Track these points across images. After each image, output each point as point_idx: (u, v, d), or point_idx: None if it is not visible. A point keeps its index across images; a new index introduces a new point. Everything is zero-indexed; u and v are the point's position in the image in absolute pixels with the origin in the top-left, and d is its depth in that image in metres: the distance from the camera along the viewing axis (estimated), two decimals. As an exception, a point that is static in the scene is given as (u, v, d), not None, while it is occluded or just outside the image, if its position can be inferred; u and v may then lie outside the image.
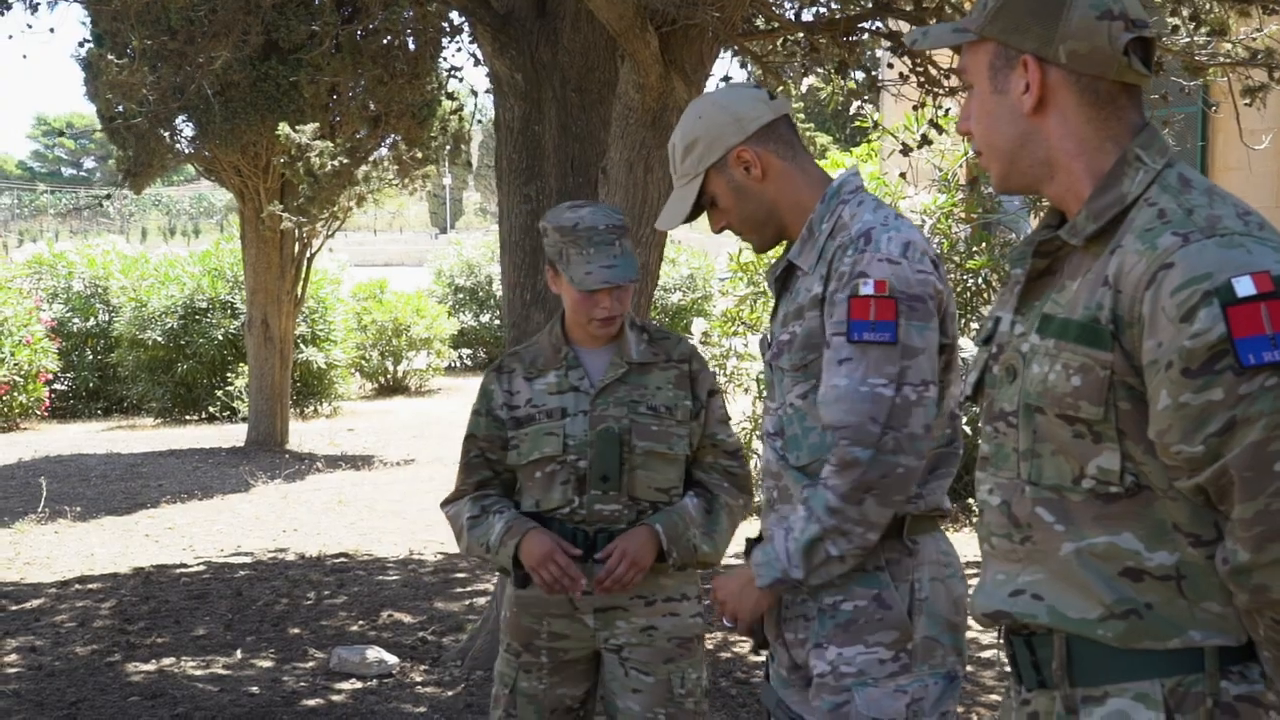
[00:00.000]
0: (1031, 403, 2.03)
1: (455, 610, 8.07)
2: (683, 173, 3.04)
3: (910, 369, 2.74)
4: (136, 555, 9.85)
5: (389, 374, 23.42)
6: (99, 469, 14.16)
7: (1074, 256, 2.06)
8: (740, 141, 2.99)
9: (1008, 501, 2.09)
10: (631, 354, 3.64)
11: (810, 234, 2.94)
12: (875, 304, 2.74)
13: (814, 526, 2.76)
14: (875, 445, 2.71)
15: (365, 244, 56.06)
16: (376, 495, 12.55)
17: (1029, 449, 2.05)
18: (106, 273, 21.38)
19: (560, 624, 3.66)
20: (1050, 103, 2.06)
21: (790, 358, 2.90)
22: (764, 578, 2.85)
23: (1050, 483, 2.03)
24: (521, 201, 6.79)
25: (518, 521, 3.59)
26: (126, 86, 9.64)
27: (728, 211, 3.03)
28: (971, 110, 2.16)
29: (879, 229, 2.83)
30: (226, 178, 15.36)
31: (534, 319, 6.74)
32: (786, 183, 3.00)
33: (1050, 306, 2.04)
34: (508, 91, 6.82)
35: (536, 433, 3.63)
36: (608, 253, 3.51)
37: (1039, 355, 2.02)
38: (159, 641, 7.41)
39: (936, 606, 2.87)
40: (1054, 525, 2.03)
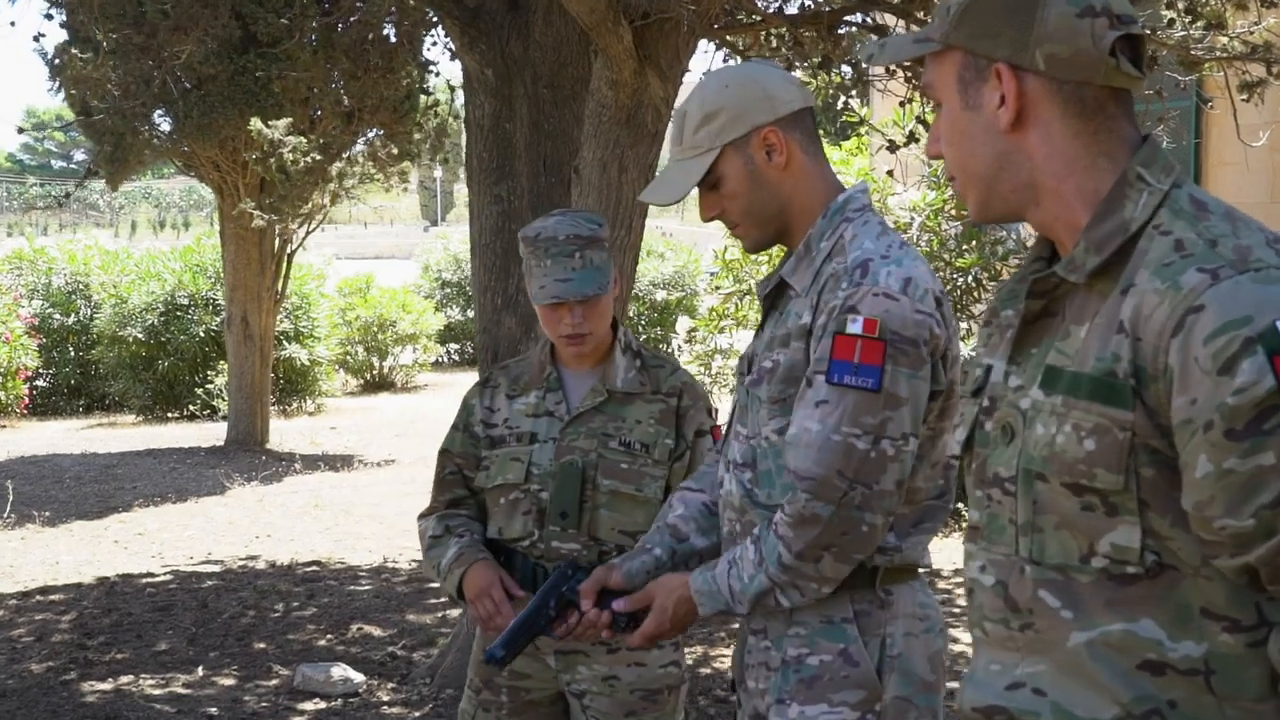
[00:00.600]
0: (1033, 468, 1.74)
1: (427, 623, 7.81)
2: (692, 144, 2.69)
3: (891, 421, 2.47)
4: (103, 563, 9.58)
5: (374, 370, 23.16)
6: (73, 470, 13.89)
7: (1076, 296, 1.77)
8: (770, 121, 2.65)
9: (1004, 582, 1.80)
10: (615, 381, 3.36)
11: (807, 251, 2.64)
12: (862, 345, 2.46)
13: (763, 578, 2.53)
14: (838, 502, 2.46)
15: (355, 237, 55.72)
16: (355, 498, 12.29)
17: (1028, 521, 1.76)
18: (87, 268, 21.09)
19: (521, 663, 3.39)
20: (1030, 116, 1.78)
21: (769, 389, 2.62)
22: (706, 608, 2.64)
23: (1054, 561, 1.74)
24: (492, 202, 6.54)
25: (469, 550, 3.33)
26: (92, 81, 9.38)
27: (734, 198, 2.68)
28: (941, 131, 1.87)
29: (878, 261, 2.53)
30: (205, 173, 15.08)
31: (505, 324, 6.49)
32: (804, 180, 2.68)
33: (1054, 357, 1.75)
34: (478, 88, 6.57)
35: (504, 457, 3.38)
36: (565, 265, 3.23)
37: (1043, 414, 1.74)
38: (118, 658, 7.15)
39: (911, 664, 2.61)
40: (1060, 611, 1.74)
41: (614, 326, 3.41)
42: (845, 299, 2.49)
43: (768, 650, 2.66)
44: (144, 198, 71.87)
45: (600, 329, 3.32)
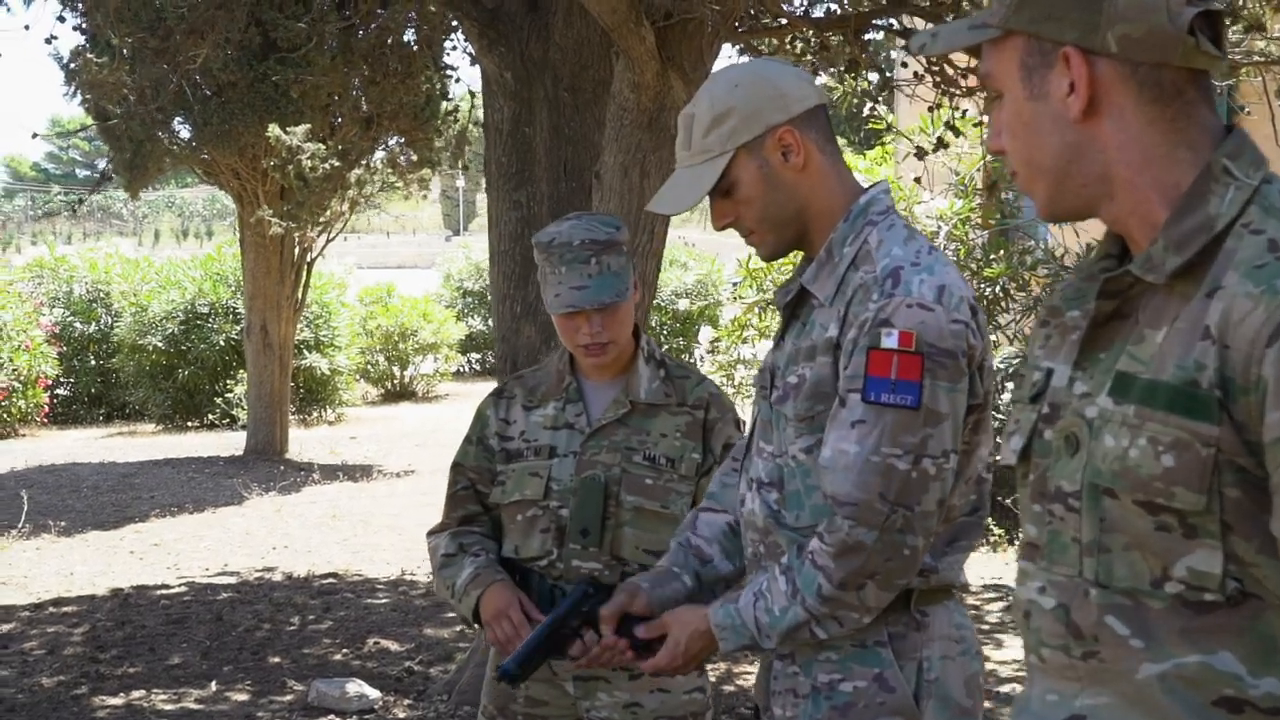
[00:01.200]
0: (1101, 483, 1.58)
1: (445, 638, 7.68)
2: (702, 149, 2.53)
3: (932, 438, 2.32)
4: (118, 574, 9.47)
5: (395, 379, 23.04)
6: (91, 479, 13.79)
7: (1152, 297, 1.61)
8: (785, 121, 2.50)
9: (1065, 605, 1.63)
10: (639, 392, 3.19)
11: (829, 257, 2.48)
12: (898, 360, 2.31)
13: (799, 610, 2.37)
14: (881, 526, 2.31)
15: (378, 246, 55.69)
16: (373, 509, 12.16)
17: (1094, 540, 1.60)
18: (108, 277, 21.04)
19: (539, 689, 3.23)
20: (1103, 104, 1.62)
21: (795, 406, 2.46)
22: (729, 643, 2.47)
23: (1123, 585, 1.58)
24: (511, 208, 6.41)
25: (486, 570, 3.16)
26: (107, 86, 9.28)
27: (748, 203, 2.52)
28: (1003, 123, 1.71)
29: (909, 269, 2.38)
30: (225, 180, 14.98)
31: (524, 333, 6.36)
32: (822, 182, 2.52)
33: (1127, 362, 1.59)
34: (497, 91, 6.44)
35: (522, 471, 3.22)
36: (580, 272, 3.07)
37: (1113, 425, 1.57)
38: (130, 672, 7.02)
39: (948, 689, 2.45)
40: (1129, 640, 1.57)
41: (636, 335, 3.25)
42: (877, 311, 2.35)
43: (796, 676, 2.51)
44: (167, 207, 72.06)
45: (621, 337, 3.15)
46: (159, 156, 13.99)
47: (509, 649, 3.04)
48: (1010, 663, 7.06)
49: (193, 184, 64.58)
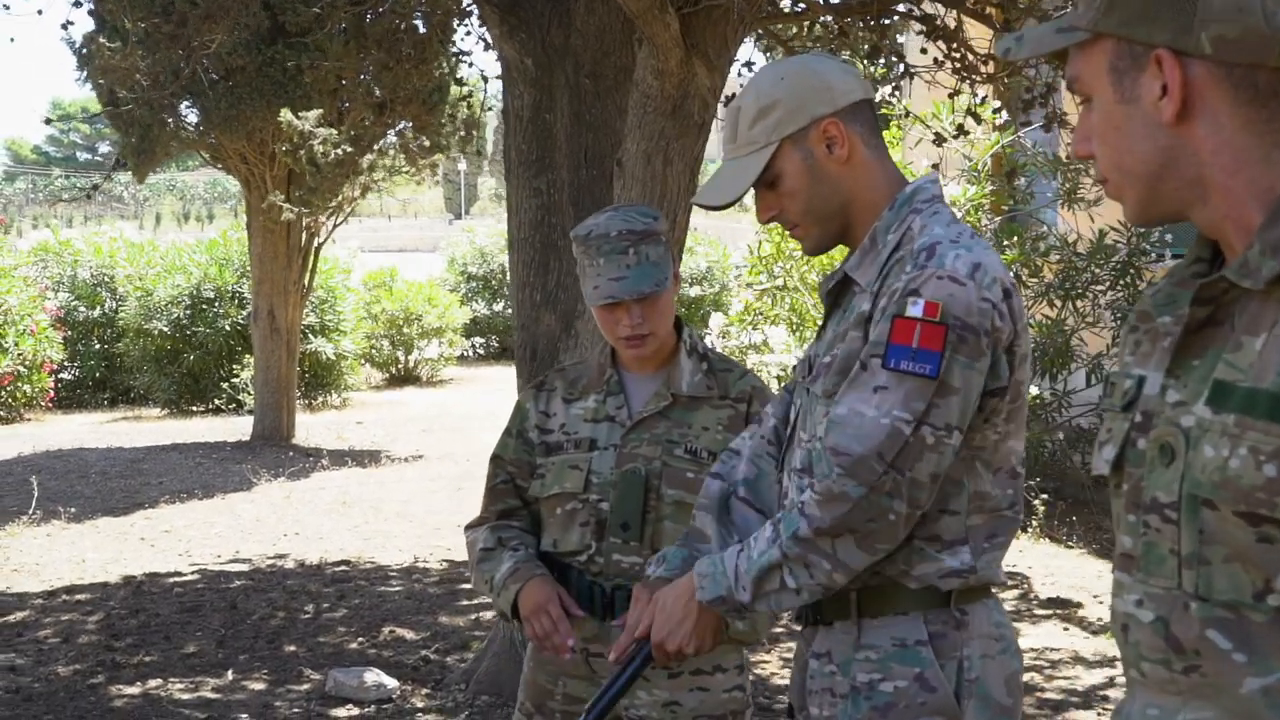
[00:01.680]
0: (1200, 494, 1.54)
1: (461, 625, 7.65)
2: (747, 140, 2.52)
3: (937, 409, 2.31)
4: (130, 562, 9.43)
5: (400, 364, 23.01)
6: (99, 465, 13.76)
7: (1249, 303, 1.56)
8: (830, 113, 2.49)
9: (1165, 619, 1.60)
10: (681, 385, 3.15)
11: (873, 245, 2.47)
12: (921, 328, 2.30)
13: (774, 552, 2.36)
14: (871, 485, 2.30)
15: (379, 230, 55.58)
16: (383, 495, 12.13)
17: (1193, 553, 1.56)
18: (112, 261, 20.99)
19: (577, 686, 3.19)
20: (1196, 107, 1.57)
21: (825, 382, 2.44)
22: (706, 591, 2.46)
23: (1224, 598, 1.54)
24: (531, 195, 6.35)
25: (525, 564, 3.13)
26: (120, 71, 9.21)
27: (793, 196, 2.51)
28: (1092, 127, 1.67)
29: (946, 244, 2.37)
30: (233, 165, 14.93)
31: (544, 321, 6.31)
32: (867, 175, 2.52)
33: (1225, 370, 1.54)
34: (517, 77, 6.38)
35: (561, 464, 3.18)
36: (618, 263, 3.03)
37: (1212, 434, 1.53)
38: (146, 660, 6.99)
39: (988, 688, 2.43)
40: (1232, 654, 1.53)
41: (679, 327, 3.22)
42: (908, 282, 2.34)
43: (833, 675, 2.48)
44: (168, 190, 71.95)
45: (662, 328, 3.11)
46: (166, 141, 13.95)
47: (546, 644, 3.02)
48: (1028, 651, 7.03)
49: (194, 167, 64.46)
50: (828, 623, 2.51)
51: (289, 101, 12.62)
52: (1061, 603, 8.05)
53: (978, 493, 2.43)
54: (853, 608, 2.46)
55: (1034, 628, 7.54)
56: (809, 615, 2.55)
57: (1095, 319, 9.99)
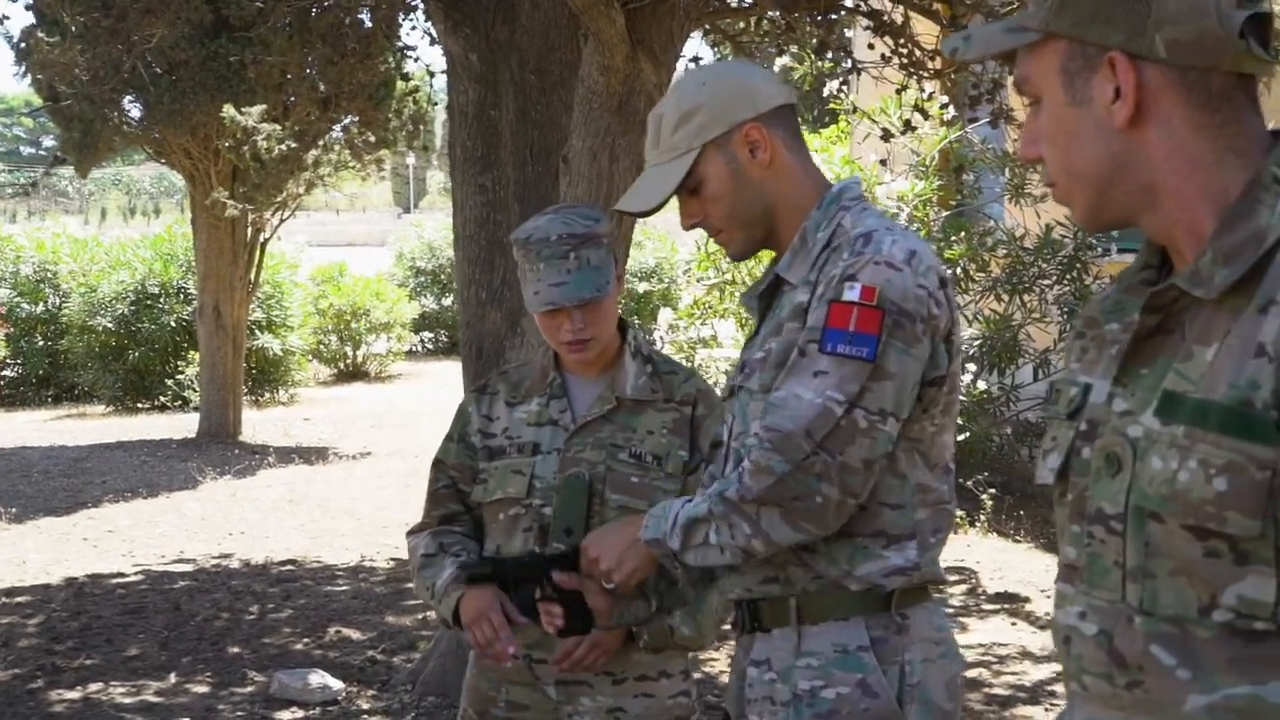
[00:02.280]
0: (1147, 506, 1.51)
1: (408, 625, 7.58)
2: (669, 147, 2.52)
3: (872, 393, 2.30)
4: (72, 563, 9.31)
5: (348, 359, 22.86)
6: (41, 464, 13.60)
7: (1200, 312, 1.53)
8: (752, 118, 2.48)
9: (1108, 633, 1.56)
10: (625, 388, 3.09)
11: (803, 244, 2.47)
12: (858, 312, 2.30)
13: (703, 506, 2.40)
14: (797, 464, 2.29)
15: (327, 224, 55.19)
16: (330, 493, 12.03)
17: (1138, 566, 1.52)
18: (55, 257, 20.75)
19: (520, 692, 3.14)
20: (1149, 111, 1.55)
21: (760, 377, 2.43)
22: (649, 530, 2.51)
23: (1169, 613, 1.51)
24: (476, 192, 6.30)
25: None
26: (59, 66, 9.08)
27: (716, 201, 2.51)
28: (1041, 130, 1.64)
29: (883, 232, 2.39)
30: (177, 160, 14.79)
31: (490, 319, 6.26)
32: (790, 178, 2.51)
33: (1174, 380, 1.51)
34: (462, 73, 6.32)
35: (504, 469, 3.11)
36: (559, 268, 2.96)
37: (1160, 445, 1.50)
38: (87, 664, 6.89)
39: (929, 692, 2.42)
40: (1175, 670, 1.50)
41: (623, 329, 3.17)
42: (845, 268, 2.34)
43: (773, 684, 2.45)
44: (114, 184, 71.24)
45: (604, 332, 3.06)
46: (109, 136, 13.79)
47: (488, 651, 2.97)
48: (975, 646, 7.03)
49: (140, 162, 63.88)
50: (766, 630, 2.48)
51: (233, 96, 12.49)
52: (1009, 597, 8.06)
53: (920, 485, 2.42)
54: (792, 614, 2.44)
55: (981, 623, 7.55)
56: (746, 622, 2.53)
57: (1042, 314, 10.02)
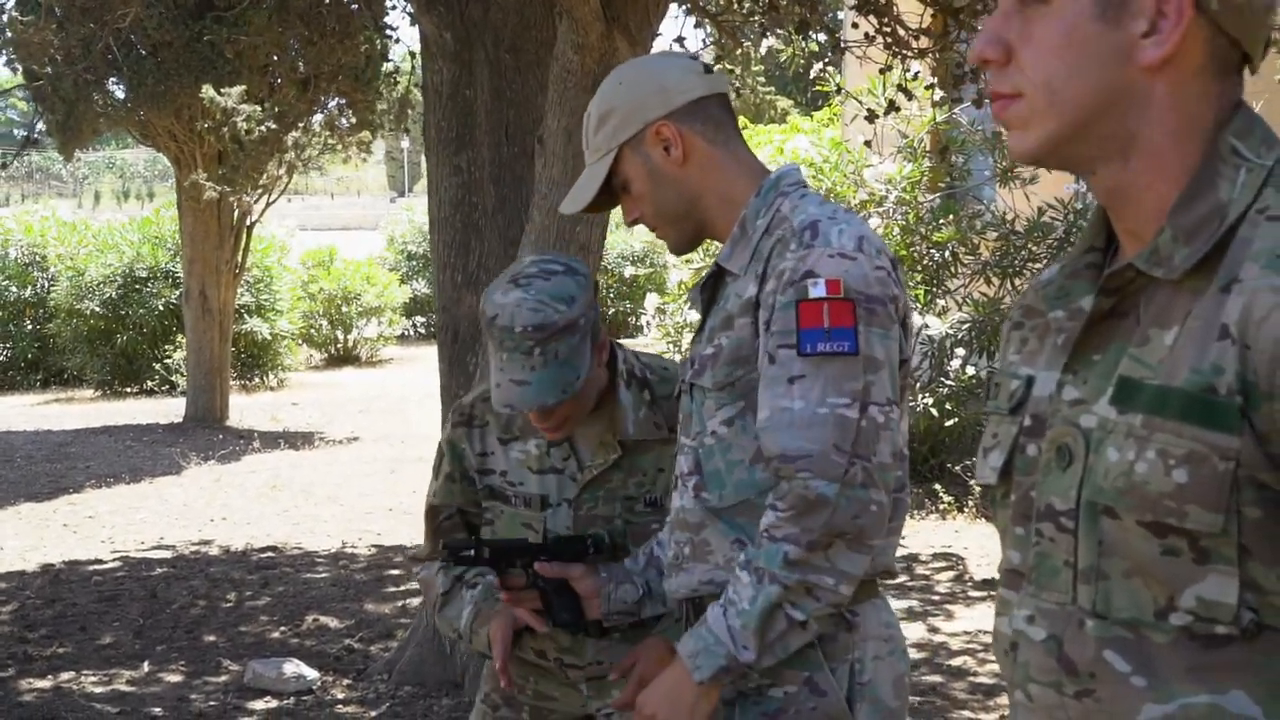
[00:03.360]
0: (1100, 501, 1.39)
1: (386, 613, 7.49)
2: (594, 147, 2.50)
3: (874, 385, 2.22)
4: (50, 549, 9.21)
5: (338, 344, 22.77)
6: (25, 449, 13.49)
7: (1157, 293, 1.42)
8: (662, 115, 2.43)
9: (1058, 637, 1.45)
10: (627, 429, 2.85)
11: (743, 232, 2.40)
12: (829, 307, 2.21)
13: (772, 589, 2.19)
14: (841, 479, 2.17)
15: (321, 208, 55.10)
16: (315, 478, 11.94)
17: (1091, 566, 1.41)
18: (44, 240, 20.64)
19: (548, 683, 3.03)
20: (1174, 61, 1.41)
21: (714, 374, 2.35)
22: (704, 669, 2.26)
23: (1124, 616, 1.40)
24: (452, 173, 6.20)
25: (485, 602, 2.91)
26: (32, 46, 8.96)
27: (641, 199, 2.48)
28: (1038, 33, 1.45)
29: (826, 222, 2.31)
30: (162, 143, 14.69)
31: (466, 302, 6.16)
32: (713, 171, 2.46)
33: (1130, 366, 1.40)
34: (436, 52, 6.22)
35: (513, 519, 2.93)
36: (522, 364, 2.67)
37: (1116, 436, 1.38)
38: (60, 652, 6.80)
39: (879, 691, 2.35)
40: (1130, 677, 1.40)
41: (614, 359, 2.90)
42: (798, 263, 2.26)
43: None
44: (107, 168, 71.06)
45: (581, 413, 2.81)
46: (92, 118, 13.66)
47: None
48: (960, 634, 6.95)
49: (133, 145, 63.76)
50: None
51: (217, 78, 12.36)
52: (996, 584, 7.96)
53: None
54: None
55: (968, 610, 7.46)
56: (691, 620, 2.45)
57: (1032, 297, 9.92)
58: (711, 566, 2.38)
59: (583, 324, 2.72)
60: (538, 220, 5.46)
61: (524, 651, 3.00)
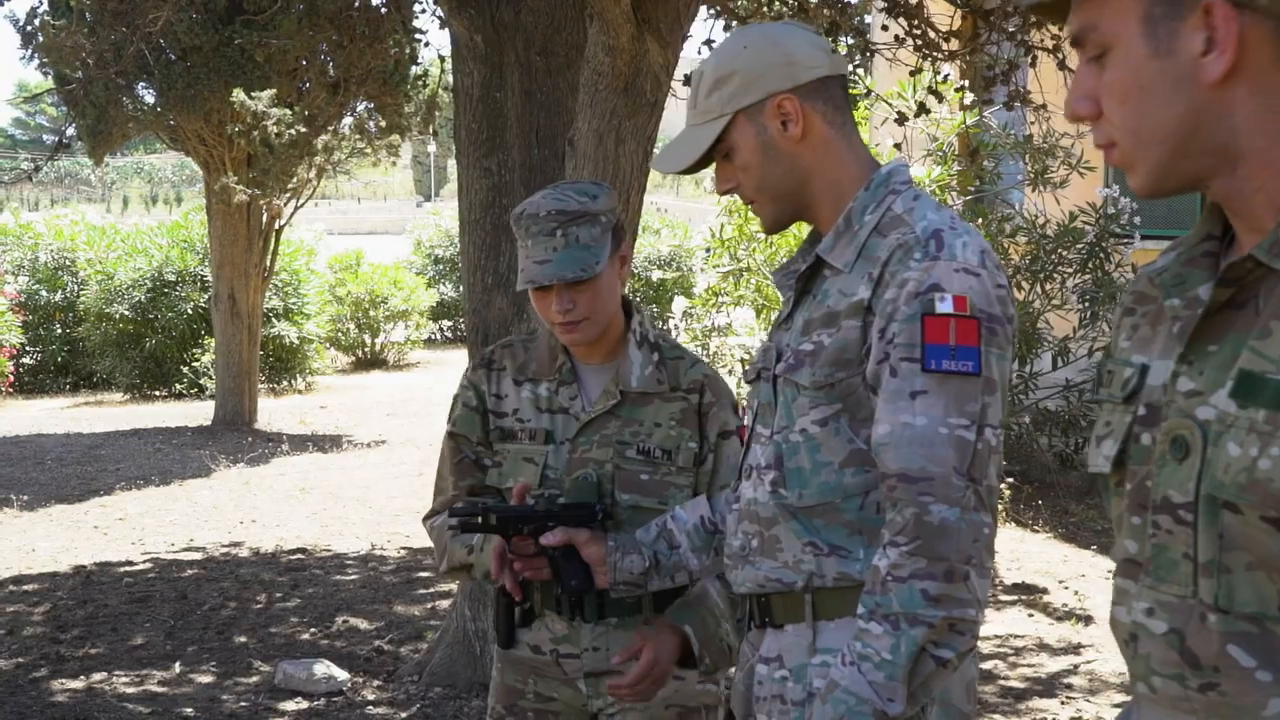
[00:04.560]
0: (1221, 495, 1.37)
1: (416, 615, 7.50)
2: (704, 109, 2.40)
3: (990, 407, 2.17)
4: (81, 550, 9.26)
5: (366, 347, 22.82)
6: (55, 451, 13.56)
7: (1276, 285, 1.40)
8: (787, 89, 2.34)
9: (1179, 631, 1.44)
10: (630, 380, 2.97)
11: (848, 226, 2.33)
12: (956, 324, 2.15)
13: (915, 631, 2.09)
14: (961, 503, 2.12)
15: (349, 213, 55.24)
16: (343, 480, 11.96)
17: (1212, 559, 1.40)
18: (73, 244, 20.74)
19: (547, 685, 3.05)
20: (1242, 65, 1.39)
21: (813, 372, 2.29)
22: None
23: (1247, 610, 1.38)
24: (482, 175, 6.21)
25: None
26: (64, 50, 9.01)
27: (746, 170, 2.39)
28: (1105, 85, 1.47)
29: (949, 232, 2.23)
30: (192, 147, 14.72)
31: (496, 304, 6.17)
32: (827, 154, 2.37)
33: (1251, 359, 1.38)
34: (466, 55, 6.23)
35: (516, 455, 3.01)
36: (545, 246, 2.86)
37: (1238, 430, 1.36)
38: (92, 653, 6.83)
39: (950, 695, 2.28)
40: (1255, 672, 1.38)
41: (629, 314, 3.04)
42: (922, 274, 2.19)
43: (785, 682, 2.33)
44: (136, 173, 71.40)
45: (598, 314, 2.93)
46: (123, 122, 13.72)
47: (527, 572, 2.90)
48: (991, 638, 6.92)
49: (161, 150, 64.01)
50: (778, 625, 2.36)
51: (247, 82, 12.41)
52: (1026, 588, 7.94)
53: None
54: (808, 609, 2.32)
55: (998, 614, 7.44)
56: (756, 617, 2.41)
57: (1062, 301, 9.91)
58: (779, 565, 2.34)
59: (604, 220, 2.91)
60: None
61: (520, 649, 3.04)
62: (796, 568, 2.32)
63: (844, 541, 2.29)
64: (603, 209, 2.92)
